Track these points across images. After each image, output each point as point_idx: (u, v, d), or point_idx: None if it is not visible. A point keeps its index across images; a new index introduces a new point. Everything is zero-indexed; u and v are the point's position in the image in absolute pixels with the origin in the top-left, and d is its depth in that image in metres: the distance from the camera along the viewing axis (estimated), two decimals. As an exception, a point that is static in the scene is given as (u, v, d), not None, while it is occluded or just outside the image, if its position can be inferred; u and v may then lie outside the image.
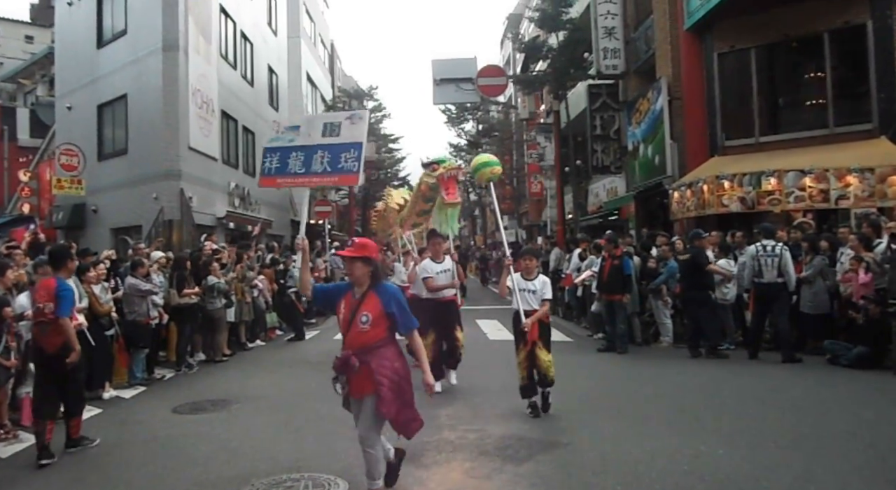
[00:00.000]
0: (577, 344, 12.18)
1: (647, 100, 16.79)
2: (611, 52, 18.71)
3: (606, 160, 19.98)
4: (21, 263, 8.34)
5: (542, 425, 6.51)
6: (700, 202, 13.38)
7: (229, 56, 22.05)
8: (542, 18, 21.41)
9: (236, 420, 7.22)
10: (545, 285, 7.08)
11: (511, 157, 39.66)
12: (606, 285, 11.22)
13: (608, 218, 21.94)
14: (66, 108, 20.72)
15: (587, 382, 8.78)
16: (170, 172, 17.56)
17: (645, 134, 17.07)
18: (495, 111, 41.84)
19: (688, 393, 7.94)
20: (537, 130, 30.02)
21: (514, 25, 39.81)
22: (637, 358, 10.43)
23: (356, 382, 4.48)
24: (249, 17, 24.35)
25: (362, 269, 4.41)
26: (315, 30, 37.45)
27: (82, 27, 20.43)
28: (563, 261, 15.87)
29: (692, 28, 14.77)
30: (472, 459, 5.52)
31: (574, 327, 14.09)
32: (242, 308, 12.19)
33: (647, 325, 11.88)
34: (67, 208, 19.63)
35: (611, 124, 19.99)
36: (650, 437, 5.99)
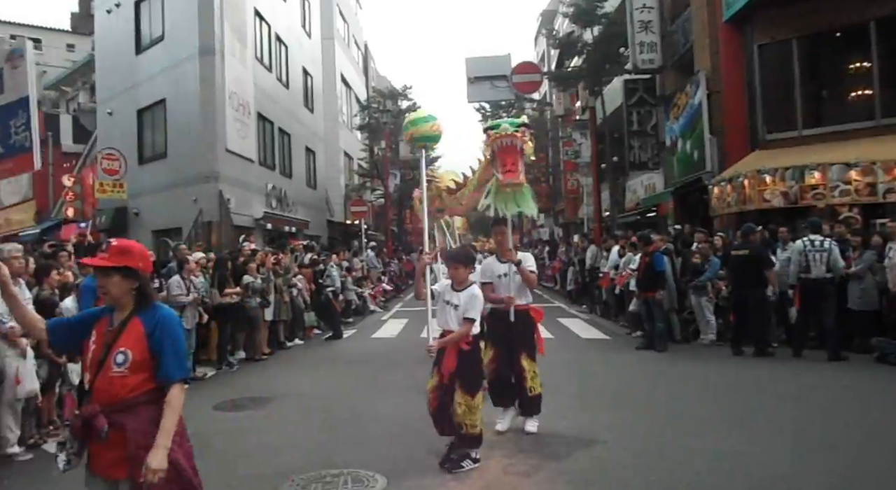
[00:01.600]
0: (616, 342, 12.05)
1: (686, 94, 16.55)
2: (647, 47, 18.48)
3: (644, 156, 19.74)
4: (67, 265, 8.50)
5: (581, 423, 6.44)
6: (741, 197, 13.15)
7: (264, 59, 22.28)
8: (577, 13, 21.23)
9: (276, 417, 7.28)
10: (472, 300, 5.28)
11: (546, 154, 39.44)
12: (641, 283, 11.13)
13: (646, 215, 21.69)
14: (107, 113, 21.14)
15: (625, 380, 8.69)
16: (208, 175, 17.80)
17: (683, 129, 16.83)
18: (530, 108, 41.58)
19: (729, 391, 7.80)
20: (573, 127, 29.79)
21: (549, 21, 39.62)
22: (676, 356, 10.28)
23: (103, 457, 2.94)
24: (284, 19, 24.58)
25: (121, 284, 2.97)
26: (349, 31, 37.66)
27: (121, 34, 20.82)
28: (600, 258, 15.75)
29: (731, 19, 14.53)
30: (509, 456, 5.50)
31: (612, 325, 13.95)
32: (281, 307, 12.30)
33: (686, 322, 11.69)
34: (110, 212, 20.02)
35: (648, 119, 19.76)
36: (690, 436, 5.90)
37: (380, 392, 8.25)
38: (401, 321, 16.05)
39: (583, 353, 11.07)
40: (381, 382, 8.88)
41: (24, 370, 6.04)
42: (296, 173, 25.42)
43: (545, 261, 27.18)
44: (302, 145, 26.02)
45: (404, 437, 6.02)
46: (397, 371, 9.47)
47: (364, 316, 17.42)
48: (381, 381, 8.94)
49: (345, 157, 34.62)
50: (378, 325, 15.84)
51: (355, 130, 36.16)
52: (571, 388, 8.21)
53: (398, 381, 8.76)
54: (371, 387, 8.56)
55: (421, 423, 5.88)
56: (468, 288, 5.39)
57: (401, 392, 7.92)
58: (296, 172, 25.44)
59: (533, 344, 6.15)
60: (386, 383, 8.79)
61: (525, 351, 6.03)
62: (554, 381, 8.54)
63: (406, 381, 8.41)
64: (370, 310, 18.50)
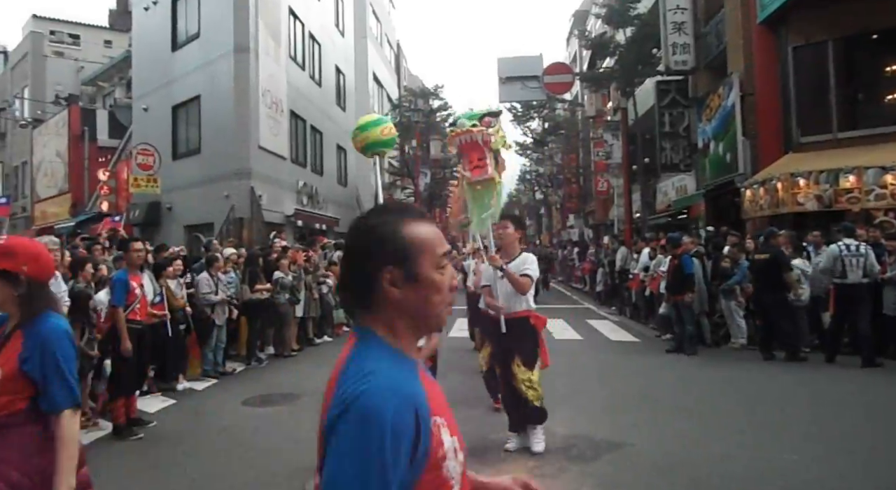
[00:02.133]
0: (645, 344, 11.98)
1: (719, 96, 16.37)
2: (680, 48, 18.32)
3: (675, 158, 19.56)
4: (101, 259, 8.66)
5: (608, 425, 6.42)
6: (774, 200, 12.98)
7: (298, 57, 22.46)
8: (610, 14, 21.11)
9: (304, 413, 7.35)
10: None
11: (577, 155, 39.27)
12: (670, 285, 11.07)
13: (677, 217, 21.49)
14: (143, 109, 21.47)
15: (654, 383, 8.63)
16: (241, 171, 18.00)
17: (716, 131, 16.65)
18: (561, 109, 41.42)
19: (759, 396, 7.71)
20: (604, 128, 29.62)
21: (581, 22, 39.40)
22: (706, 360, 10.19)
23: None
24: (317, 18, 24.75)
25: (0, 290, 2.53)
26: (381, 30, 37.82)
27: (158, 31, 21.14)
28: (630, 260, 15.66)
29: (766, 21, 14.34)
30: (536, 458, 5.50)
31: (642, 328, 13.86)
32: (310, 304, 12.41)
33: (717, 326, 11.59)
34: (143, 206, 20.34)
35: (680, 121, 19.57)
36: (719, 440, 5.85)
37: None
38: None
39: (611, 355, 11.02)
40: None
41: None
42: (327, 171, 25.59)
43: (575, 262, 27.09)
44: (333, 143, 26.20)
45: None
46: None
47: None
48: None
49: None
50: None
51: (386, 129, 36.30)
52: (600, 390, 8.19)
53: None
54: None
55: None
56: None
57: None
58: (327, 170, 25.61)
59: (531, 352, 5.47)
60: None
61: (520, 357, 5.40)
62: (582, 382, 8.54)
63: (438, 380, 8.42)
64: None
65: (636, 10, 20.28)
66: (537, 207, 58.38)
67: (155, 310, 7.74)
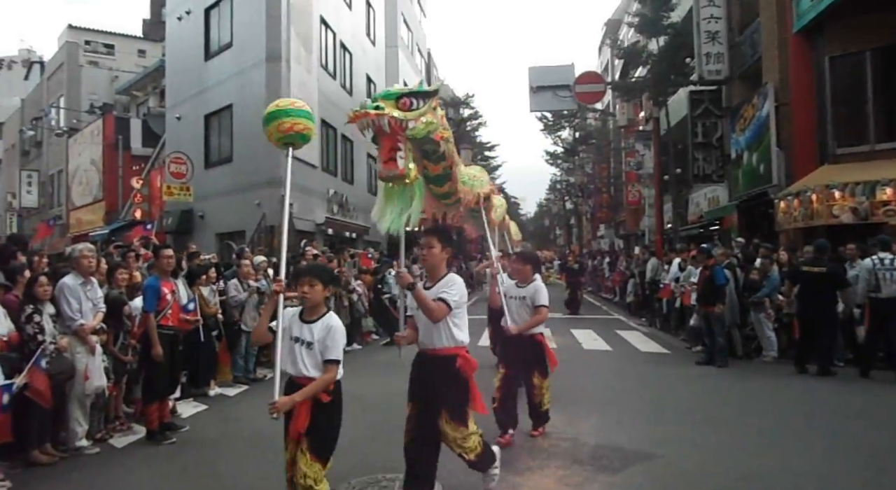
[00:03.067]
0: (675, 356, 11.85)
1: (753, 106, 16.21)
2: (714, 57, 18.19)
3: (708, 168, 19.41)
4: (134, 266, 8.78)
5: (637, 436, 6.36)
6: (808, 212, 12.80)
7: (329, 66, 22.67)
8: (642, 23, 21.04)
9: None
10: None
11: (608, 164, 39.10)
12: (701, 296, 10.94)
13: (709, 228, 21.30)
14: (176, 118, 21.82)
15: (684, 395, 8.53)
16: (272, 179, 18.18)
17: (749, 141, 16.49)
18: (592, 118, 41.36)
19: (792, 410, 7.59)
20: (636, 138, 29.50)
21: (613, 31, 39.28)
22: (738, 372, 10.05)
23: None
24: (349, 27, 24.97)
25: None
26: (412, 39, 38.03)
27: (191, 41, 21.49)
28: (661, 271, 15.53)
29: (802, 31, 14.18)
30: (565, 467, 5.47)
31: (672, 339, 13.72)
32: (340, 312, 12.47)
33: (748, 338, 11.43)
34: (176, 214, 20.62)
35: (713, 131, 19.42)
36: (750, 454, 5.77)
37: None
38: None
39: (641, 365, 10.92)
40: (437, 389, 8.89)
41: (92, 367, 6.27)
42: (357, 179, 25.74)
43: (605, 272, 26.92)
44: (364, 152, 26.37)
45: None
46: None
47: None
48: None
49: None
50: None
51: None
52: (629, 400, 8.13)
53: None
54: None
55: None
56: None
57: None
58: (357, 178, 25.77)
59: (458, 404, 4.50)
60: (441, 390, 8.80)
61: (447, 412, 4.46)
62: (611, 393, 8.48)
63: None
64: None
65: (669, 20, 20.20)
66: (567, 217, 58.21)
67: (188, 316, 7.83)
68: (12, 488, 5.16)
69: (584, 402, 8.06)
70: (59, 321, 6.21)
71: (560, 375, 9.28)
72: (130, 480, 5.53)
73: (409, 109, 4.22)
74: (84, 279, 6.42)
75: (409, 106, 4.24)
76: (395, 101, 4.22)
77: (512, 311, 6.34)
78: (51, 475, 5.57)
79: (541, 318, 6.35)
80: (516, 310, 6.35)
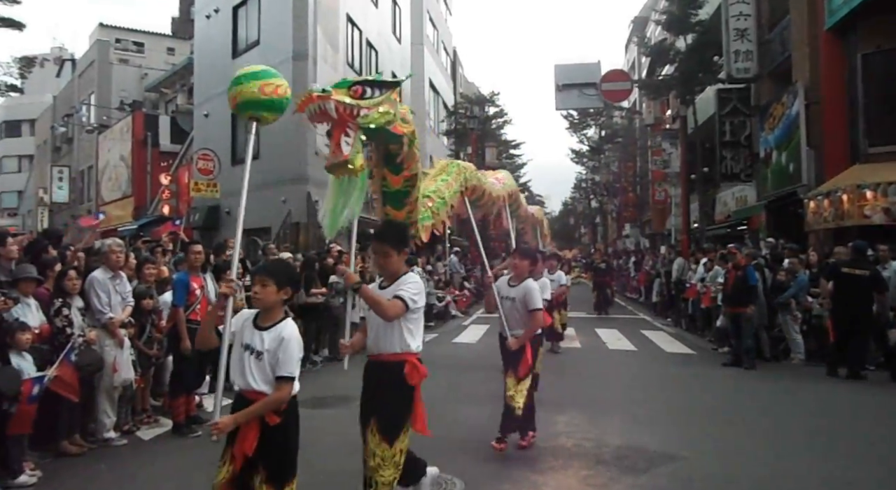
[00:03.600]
0: (701, 357, 11.74)
1: (782, 104, 16.00)
2: (743, 55, 17.97)
3: (736, 167, 19.18)
4: (161, 261, 8.88)
5: (662, 438, 6.30)
6: (838, 213, 12.60)
7: (355, 64, 22.72)
8: (670, 21, 20.83)
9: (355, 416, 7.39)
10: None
11: (635, 163, 38.81)
12: (731, 297, 10.77)
13: (736, 228, 21.05)
14: (204, 115, 22.02)
15: (710, 396, 8.45)
16: (297, 177, 18.28)
17: (778, 140, 16.27)
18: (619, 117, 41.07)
19: (821, 413, 7.49)
20: (662, 136, 29.22)
21: (640, 29, 38.95)
22: (765, 374, 9.93)
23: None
24: (375, 25, 25.02)
25: None
26: (438, 37, 38.01)
27: (219, 39, 21.67)
28: (687, 271, 15.40)
29: (833, 28, 13.95)
30: (588, 468, 5.44)
31: (698, 340, 13.59)
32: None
33: (776, 340, 11.28)
34: (203, 210, 20.81)
35: (741, 130, 19.18)
36: (777, 457, 5.70)
37: (459, 397, 8.29)
38: (482, 327, 16.05)
39: (666, 366, 10.84)
40: (461, 387, 8.90)
41: (120, 360, 6.36)
42: (382, 177, 25.76)
43: (630, 272, 26.74)
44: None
45: (483, 444, 5.95)
46: (477, 376, 9.48)
47: (446, 321, 17.51)
48: (460, 386, 8.96)
49: (430, 162, 34.94)
50: (459, 330, 15.90)
51: (442, 136, 36.49)
52: (654, 401, 8.07)
53: (477, 386, 8.78)
54: (450, 391, 8.57)
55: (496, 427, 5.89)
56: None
57: (480, 398, 7.92)
58: (382, 176, 25.79)
59: (393, 416, 3.98)
60: (465, 388, 8.81)
61: (377, 423, 3.94)
62: (636, 393, 8.42)
63: (486, 386, 8.38)
64: (452, 315, 18.56)
65: (697, 17, 19.96)
66: (592, 216, 57.90)
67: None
68: (43, 477, 5.25)
69: (608, 403, 8.02)
70: (87, 314, 6.30)
71: (584, 375, 9.30)
72: (156, 471, 5.59)
73: (362, 97, 3.94)
74: (113, 273, 6.51)
75: (361, 94, 3.96)
76: (346, 89, 3.95)
77: (505, 314, 5.85)
78: (79, 465, 5.66)
79: (537, 324, 5.79)
80: (509, 312, 5.81)
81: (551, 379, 8.96)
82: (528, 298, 5.67)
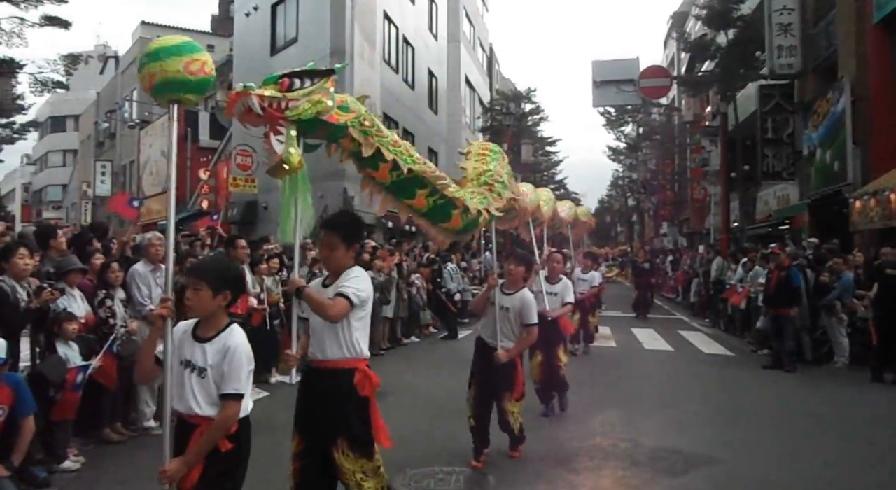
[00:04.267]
0: (740, 359, 11.56)
1: (827, 101, 15.65)
2: (786, 50, 17.62)
3: (778, 166, 18.82)
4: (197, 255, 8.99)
5: (699, 440, 6.20)
6: (886, 213, 12.26)
7: (392, 60, 22.80)
8: (711, 16, 20.49)
9: (391, 411, 7.36)
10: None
11: (673, 161, 38.34)
12: (773, 298, 10.55)
13: (778, 227, 20.66)
14: (243, 111, 22.22)
15: (749, 399, 8.31)
16: (334, 172, 18.37)
17: (823, 138, 15.93)
18: (657, 113, 40.61)
19: (864, 419, 7.31)
20: (702, 133, 28.82)
21: (679, 24, 38.39)
22: (806, 377, 9.73)
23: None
24: (412, 22, 25.07)
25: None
26: (474, 33, 37.94)
27: (258, 36, 21.90)
28: (726, 271, 15.16)
29: (882, 22, 13.59)
30: (624, 468, 5.38)
31: (737, 341, 13.38)
32: (399, 305, 12.55)
33: (818, 343, 11.02)
34: (241, 205, 21.07)
35: (784, 127, 18.82)
36: (817, 464, 5.57)
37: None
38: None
39: (704, 367, 10.68)
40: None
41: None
42: (418, 173, 25.84)
43: (668, 271, 26.44)
44: (425, 146, 26.45)
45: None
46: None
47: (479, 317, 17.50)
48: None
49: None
50: (493, 326, 15.83)
51: (477, 132, 36.42)
52: (691, 403, 7.96)
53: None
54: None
55: (533, 425, 5.86)
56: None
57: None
58: (418, 172, 25.86)
59: (359, 431, 3.60)
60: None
61: (346, 440, 3.57)
62: (672, 394, 8.32)
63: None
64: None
65: (739, 12, 19.62)
66: (629, 214, 57.34)
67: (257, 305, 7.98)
68: (85, 463, 5.37)
69: (644, 403, 7.93)
70: (129, 306, 6.41)
71: (620, 375, 9.21)
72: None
73: (290, 89, 3.60)
74: (154, 266, 6.60)
75: (288, 86, 3.61)
76: (273, 84, 3.61)
77: (492, 320, 5.40)
78: (120, 452, 5.78)
79: (531, 340, 5.47)
80: (500, 321, 5.31)
81: (586, 378, 8.92)
82: (525, 313, 5.30)
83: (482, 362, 5.41)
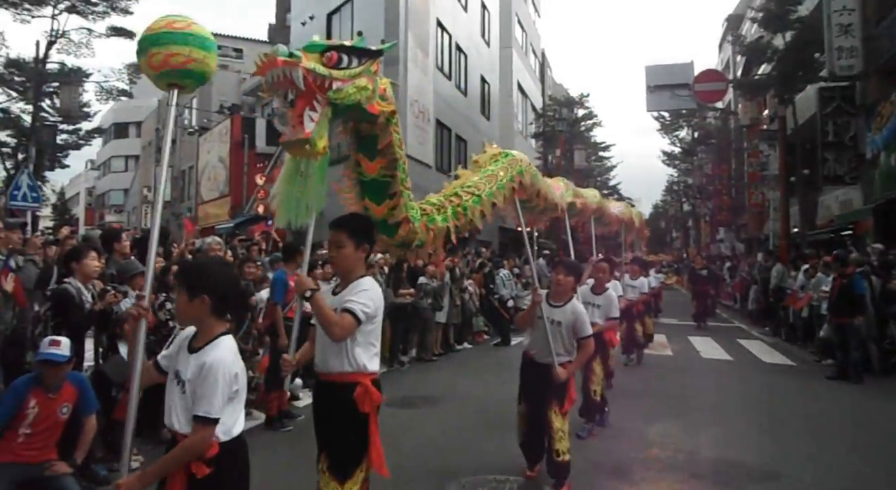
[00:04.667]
0: (802, 369, 11.22)
1: (891, 103, 15.16)
2: (846, 52, 17.11)
3: (840, 170, 18.30)
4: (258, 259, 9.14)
5: (761, 453, 6.04)
6: (955, 217, 11.85)
7: (444, 67, 22.88)
8: (767, 18, 20.08)
9: (443, 417, 7.42)
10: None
11: (729, 165, 37.60)
12: (836, 306, 10.23)
13: (840, 233, 20.06)
14: (299, 118, 22.58)
15: (812, 411, 8.06)
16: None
17: (887, 140, 15.43)
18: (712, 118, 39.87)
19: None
20: (759, 137, 28.19)
21: (735, 27, 37.66)
22: (873, 389, 9.39)
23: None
24: (464, 29, 25.13)
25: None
26: (526, 39, 37.83)
27: (314, 45, 22.20)
28: (787, 278, 14.77)
29: (950, 21, 13.14)
30: (682, 481, 5.27)
31: (799, 351, 13.00)
32: (452, 310, 12.56)
33: (887, 353, 10.62)
34: (296, 211, 21.34)
35: (845, 130, 18.29)
36: (885, 480, 5.36)
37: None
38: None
39: (766, 378, 10.40)
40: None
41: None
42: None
43: (725, 277, 25.88)
44: (477, 152, 26.41)
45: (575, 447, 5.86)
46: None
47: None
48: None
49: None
50: (546, 333, 15.72)
51: (530, 138, 36.27)
52: (751, 414, 7.76)
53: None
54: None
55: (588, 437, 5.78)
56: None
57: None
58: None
59: (349, 451, 3.39)
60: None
61: (330, 459, 3.43)
62: (732, 405, 8.15)
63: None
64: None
65: (797, 13, 19.16)
66: (684, 219, 56.41)
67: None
68: (144, 462, 5.48)
69: (702, 413, 7.76)
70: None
71: (677, 384, 9.03)
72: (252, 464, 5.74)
73: (337, 66, 3.20)
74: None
75: (335, 62, 3.20)
76: (319, 54, 3.17)
77: (541, 335, 4.98)
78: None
79: (587, 353, 5.08)
80: (551, 335, 4.89)
81: (641, 388, 8.79)
82: (579, 325, 4.92)
83: (533, 381, 5.06)
